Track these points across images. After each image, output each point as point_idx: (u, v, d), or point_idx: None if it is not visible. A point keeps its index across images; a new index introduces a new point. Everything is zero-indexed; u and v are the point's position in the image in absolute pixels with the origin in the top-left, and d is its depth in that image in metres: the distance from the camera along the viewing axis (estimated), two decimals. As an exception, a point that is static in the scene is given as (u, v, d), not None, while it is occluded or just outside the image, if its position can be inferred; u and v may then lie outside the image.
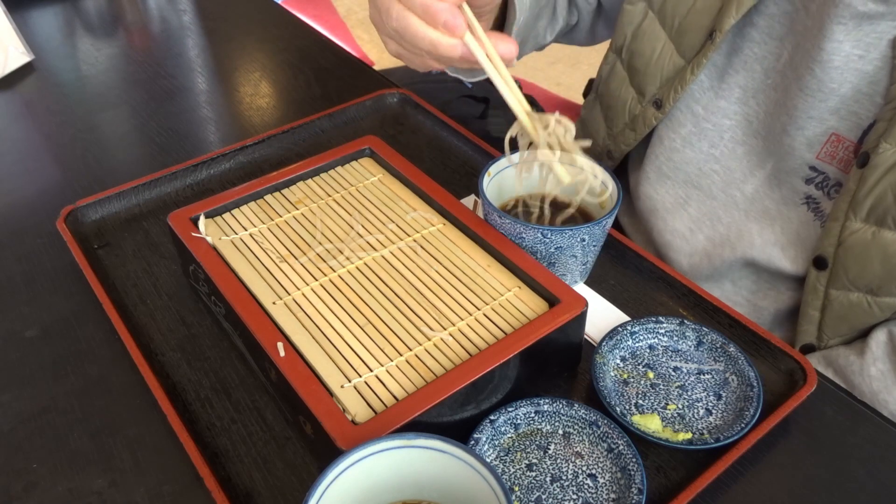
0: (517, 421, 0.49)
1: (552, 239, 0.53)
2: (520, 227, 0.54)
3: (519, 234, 0.54)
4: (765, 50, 0.65)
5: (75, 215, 0.66)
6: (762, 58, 0.66)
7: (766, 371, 0.54)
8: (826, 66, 0.59)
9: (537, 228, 0.53)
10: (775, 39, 0.65)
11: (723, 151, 0.70)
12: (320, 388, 0.45)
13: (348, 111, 0.81)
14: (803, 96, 0.62)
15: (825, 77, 0.60)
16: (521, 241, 0.55)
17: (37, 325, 0.58)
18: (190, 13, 1.06)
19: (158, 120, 0.82)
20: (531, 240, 0.54)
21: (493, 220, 0.56)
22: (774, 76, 0.65)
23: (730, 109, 0.69)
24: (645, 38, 0.72)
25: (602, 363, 0.52)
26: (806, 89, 0.61)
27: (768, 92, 0.66)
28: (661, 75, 0.71)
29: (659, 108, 0.72)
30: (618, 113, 0.78)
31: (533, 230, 0.53)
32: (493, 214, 0.55)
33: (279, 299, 0.51)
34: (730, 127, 0.69)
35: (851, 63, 0.58)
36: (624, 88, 0.76)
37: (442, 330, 0.49)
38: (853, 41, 0.58)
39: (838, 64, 0.59)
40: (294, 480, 0.47)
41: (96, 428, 0.51)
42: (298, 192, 0.61)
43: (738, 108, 0.69)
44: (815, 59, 0.60)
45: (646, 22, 0.72)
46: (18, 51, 0.90)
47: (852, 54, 0.58)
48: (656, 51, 0.71)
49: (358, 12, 2.85)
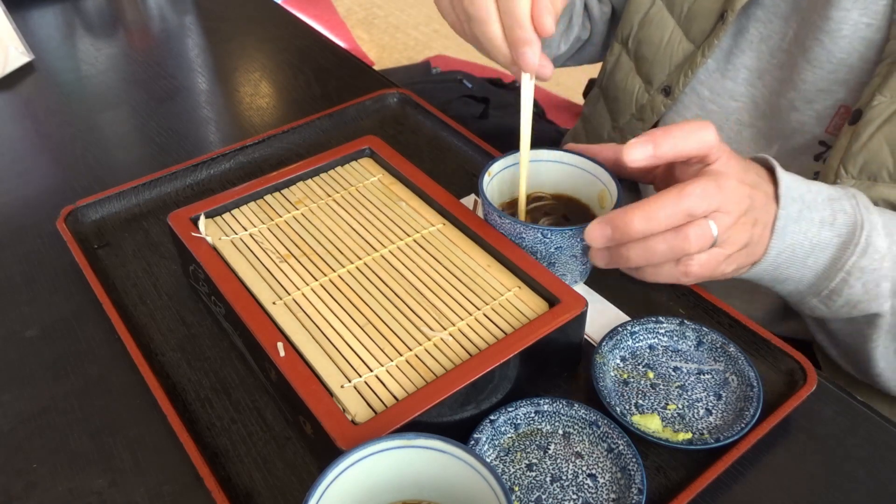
0: (517, 421, 0.49)
1: (552, 239, 0.53)
2: (519, 227, 0.54)
3: (519, 234, 0.54)
4: (770, 29, 0.66)
5: (75, 215, 0.66)
6: (768, 37, 0.66)
7: (766, 371, 0.54)
8: (835, 36, 0.60)
9: (537, 228, 0.53)
10: (780, 18, 0.65)
11: (728, 135, 0.70)
12: (320, 388, 0.45)
13: (348, 111, 0.81)
14: (811, 69, 0.62)
15: (834, 47, 0.60)
16: (520, 241, 0.55)
17: (37, 325, 0.58)
18: (190, 13, 1.06)
19: (158, 120, 0.82)
20: (531, 240, 0.54)
21: (493, 220, 0.56)
22: (780, 55, 0.66)
23: (736, 91, 0.69)
24: (653, 25, 0.72)
25: (602, 363, 0.52)
26: (814, 61, 0.62)
27: (774, 72, 0.66)
28: (671, 62, 0.71)
29: (668, 95, 0.72)
30: (624, 104, 0.78)
31: (533, 230, 0.53)
32: (493, 214, 0.55)
33: (279, 299, 0.51)
34: (735, 109, 0.70)
35: (860, 31, 0.59)
36: (630, 78, 0.76)
37: (442, 330, 0.49)
38: (861, 9, 0.58)
39: (847, 33, 0.59)
40: (294, 480, 0.47)
41: (96, 428, 0.51)
42: (298, 192, 0.61)
43: (745, 89, 0.69)
44: (823, 29, 0.60)
45: (653, 9, 0.72)
46: (18, 51, 0.90)
47: (860, 22, 0.58)
48: (664, 38, 0.71)
49: (358, 12, 2.85)
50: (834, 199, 0.53)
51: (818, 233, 0.52)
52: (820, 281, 0.55)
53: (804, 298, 0.57)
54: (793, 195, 0.52)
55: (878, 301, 0.55)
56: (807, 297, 0.57)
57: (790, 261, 0.53)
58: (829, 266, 0.54)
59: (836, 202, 0.53)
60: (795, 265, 0.54)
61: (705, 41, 0.68)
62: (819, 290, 0.55)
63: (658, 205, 0.47)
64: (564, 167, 0.59)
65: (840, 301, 0.55)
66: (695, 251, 0.48)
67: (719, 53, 0.69)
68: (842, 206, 0.53)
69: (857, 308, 0.55)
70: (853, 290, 0.54)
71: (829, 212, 0.53)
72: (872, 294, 0.54)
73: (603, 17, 0.83)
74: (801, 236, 0.52)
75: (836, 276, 0.53)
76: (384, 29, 2.73)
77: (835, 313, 0.57)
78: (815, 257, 0.53)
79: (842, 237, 0.53)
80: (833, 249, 0.53)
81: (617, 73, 0.78)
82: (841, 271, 0.53)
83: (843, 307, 0.56)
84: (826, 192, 0.54)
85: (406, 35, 2.69)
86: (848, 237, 0.53)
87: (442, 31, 2.69)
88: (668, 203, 0.46)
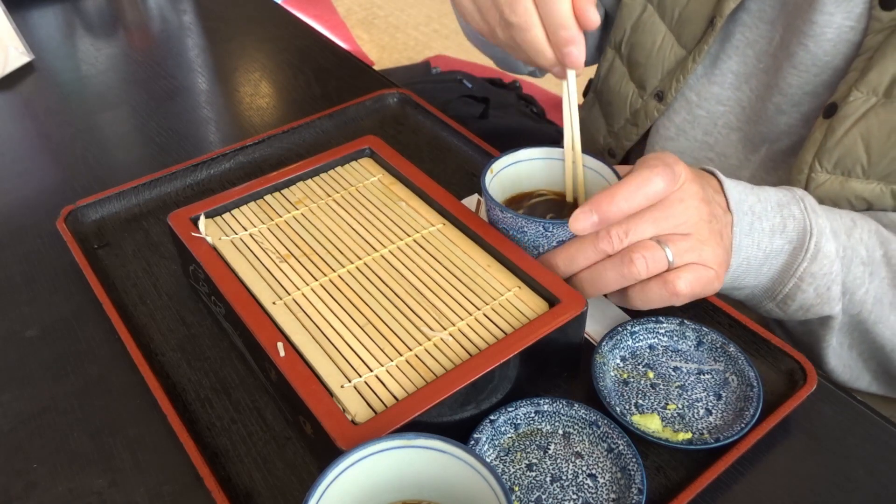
0: (517, 421, 0.49)
1: (554, 232, 0.53)
2: (521, 220, 0.53)
3: (521, 228, 0.54)
4: (756, 34, 0.66)
5: (75, 215, 0.66)
6: (754, 42, 0.66)
7: (766, 371, 0.54)
8: (819, 40, 0.60)
9: (539, 222, 0.53)
10: (766, 23, 0.65)
11: (717, 139, 0.71)
12: (320, 388, 0.45)
13: (348, 111, 0.81)
14: (797, 73, 0.62)
15: (818, 51, 0.60)
16: (522, 235, 0.54)
17: (37, 325, 0.58)
18: (190, 13, 1.06)
19: (158, 120, 0.82)
20: (533, 234, 0.54)
21: (496, 216, 0.55)
22: (766, 59, 0.66)
23: (723, 95, 0.70)
24: (645, 30, 0.72)
25: (602, 363, 0.52)
26: (800, 65, 0.62)
27: (760, 76, 0.67)
28: (663, 67, 0.71)
29: (661, 101, 0.72)
30: (618, 109, 0.78)
31: (535, 224, 0.53)
32: (496, 209, 0.55)
33: (279, 299, 0.51)
34: (723, 113, 0.70)
35: (843, 34, 0.59)
36: (624, 84, 0.76)
37: (442, 330, 0.49)
38: (844, 12, 0.58)
39: (831, 36, 0.59)
40: (294, 480, 0.47)
41: (96, 428, 0.51)
42: (298, 192, 0.61)
43: (731, 93, 0.69)
44: (808, 34, 0.60)
45: (645, 14, 0.72)
46: (18, 51, 0.90)
47: (844, 25, 0.59)
48: (657, 43, 0.71)
49: (358, 12, 2.85)
50: (783, 204, 0.55)
51: (770, 241, 0.54)
52: (774, 286, 0.56)
53: (760, 302, 0.59)
54: (743, 208, 0.54)
55: (829, 304, 0.56)
56: (763, 301, 0.58)
57: (746, 272, 0.55)
58: (781, 272, 0.55)
59: (784, 208, 0.55)
60: (751, 274, 0.56)
61: (696, 46, 0.68)
62: (774, 295, 0.57)
63: (634, 184, 0.49)
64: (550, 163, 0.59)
65: (794, 305, 0.57)
66: (643, 277, 0.50)
67: (706, 58, 0.69)
68: (791, 212, 0.55)
69: (811, 311, 0.57)
70: (806, 296, 0.56)
71: (779, 219, 0.54)
72: (824, 298, 0.56)
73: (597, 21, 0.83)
74: (755, 248, 0.54)
75: (790, 281, 0.55)
76: (384, 29, 2.73)
77: (790, 316, 0.58)
78: (769, 265, 0.55)
79: (793, 243, 0.54)
80: (785, 256, 0.55)
81: (611, 78, 0.78)
82: (793, 277, 0.55)
83: (797, 311, 0.57)
84: (774, 198, 0.55)
85: (406, 35, 2.69)
86: (798, 243, 0.54)
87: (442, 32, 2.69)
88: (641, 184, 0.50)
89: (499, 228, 0.56)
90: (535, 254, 0.55)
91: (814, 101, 0.63)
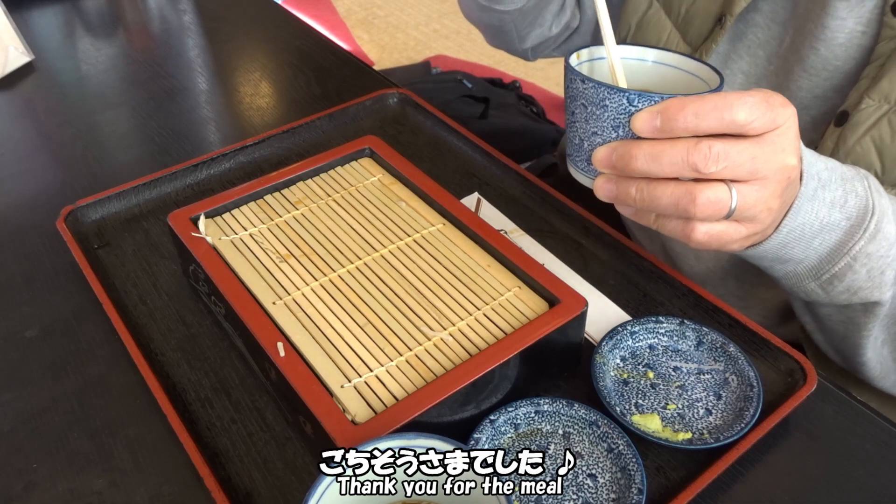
0: (517, 421, 0.49)
1: (639, 107, 0.45)
2: (604, 90, 0.46)
3: (601, 102, 0.47)
4: (768, 35, 0.66)
5: (75, 215, 0.66)
6: (765, 43, 0.66)
7: (766, 371, 0.54)
8: (830, 44, 0.60)
9: (623, 93, 0.45)
10: (778, 24, 0.65)
11: None
12: (320, 388, 0.45)
13: (348, 111, 0.81)
14: (807, 76, 0.62)
15: (829, 55, 0.60)
16: (602, 110, 0.47)
17: (37, 325, 0.58)
18: (190, 13, 1.06)
19: (158, 120, 0.82)
20: (614, 109, 0.46)
21: (575, 90, 0.48)
22: (777, 61, 0.66)
23: None
24: (650, 27, 0.72)
25: (602, 363, 0.52)
26: (810, 69, 0.62)
27: (770, 77, 0.66)
28: None
29: None
30: None
31: (618, 94, 0.45)
32: (577, 80, 0.48)
33: (279, 299, 0.51)
34: None
35: (855, 39, 0.59)
36: None
37: (442, 330, 0.49)
38: (856, 17, 0.58)
39: (842, 41, 0.59)
40: (294, 480, 0.47)
41: (96, 428, 0.51)
42: (298, 192, 0.61)
43: None
44: (819, 37, 0.60)
45: (650, 11, 0.72)
46: (18, 51, 0.90)
47: (855, 30, 0.59)
48: (662, 40, 0.71)
49: (358, 12, 2.85)
50: (847, 178, 0.51)
51: (829, 214, 0.50)
52: (822, 264, 0.53)
53: (801, 281, 0.55)
54: (811, 172, 0.49)
55: (881, 289, 0.54)
56: (804, 280, 0.55)
57: (797, 240, 0.51)
58: (834, 249, 0.52)
59: (848, 182, 0.51)
60: (801, 245, 0.52)
61: (703, 45, 0.68)
62: (820, 274, 0.54)
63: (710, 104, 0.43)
64: (658, 67, 0.53)
65: (840, 287, 0.54)
66: (699, 218, 0.45)
67: (716, 58, 0.69)
68: (853, 188, 0.51)
69: (858, 295, 0.54)
70: (857, 276, 0.53)
71: (840, 192, 0.51)
72: (876, 282, 0.53)
73: (593, 8, 0.83)
74: (812, 216, 0.50)
75: (841, 260, 0.52)
76: (384, 29, 2.73)
77: (832, 299, 0.55)
78: (821, 239, 0.51)
79: (851, 220, 0.51)
80: (840, 233, 0.51)
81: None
82: (846, 256, 0.52)
83: (842, 293, 0.54)
84: (839, 171, 0.52)
85: (406, 35, 2.69)
86: (857, 221, 0.51)
87: (442, 32, 2.69)
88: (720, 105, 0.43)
89: (574, 106, 0.49)
90: (614, 136, 0.48)
91: (823, 105, 0.62)
